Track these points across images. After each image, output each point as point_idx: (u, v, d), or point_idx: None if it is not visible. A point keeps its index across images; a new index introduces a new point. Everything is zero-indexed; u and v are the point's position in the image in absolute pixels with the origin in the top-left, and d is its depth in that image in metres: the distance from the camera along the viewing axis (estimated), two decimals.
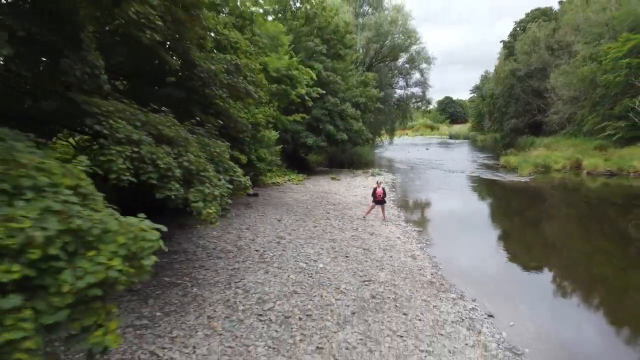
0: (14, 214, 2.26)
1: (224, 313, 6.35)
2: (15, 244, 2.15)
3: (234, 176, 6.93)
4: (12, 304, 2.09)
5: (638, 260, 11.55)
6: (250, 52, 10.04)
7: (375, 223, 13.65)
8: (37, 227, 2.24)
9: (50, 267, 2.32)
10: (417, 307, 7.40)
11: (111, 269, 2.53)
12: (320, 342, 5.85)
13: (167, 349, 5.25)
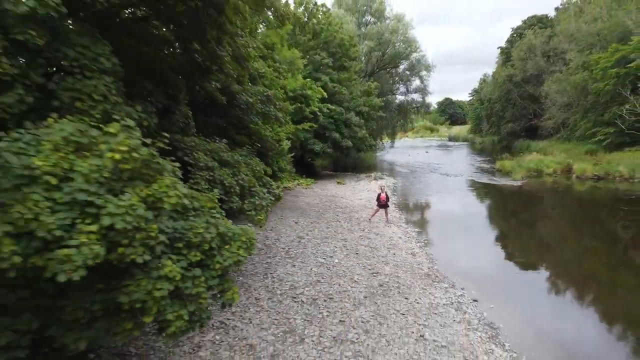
0: (195, 225, 4.02)
1: (266, 295, 8.19)
2: (197, 241, 3.92)
3: (270, 189, 8.73)
4: (197, 273, 3.86)
5: (603, 249, 13.39)
6: (273, 78, 11.83)
7: (379, 225, 15.46)
8: (207, 232, 4.01)
9: (211, 254, 4.08)
10: (416, 293, 9.22)
11: (239, 255, 4.32)
12: (341, 317, 7.68)
13: (230, 319, 7.09)
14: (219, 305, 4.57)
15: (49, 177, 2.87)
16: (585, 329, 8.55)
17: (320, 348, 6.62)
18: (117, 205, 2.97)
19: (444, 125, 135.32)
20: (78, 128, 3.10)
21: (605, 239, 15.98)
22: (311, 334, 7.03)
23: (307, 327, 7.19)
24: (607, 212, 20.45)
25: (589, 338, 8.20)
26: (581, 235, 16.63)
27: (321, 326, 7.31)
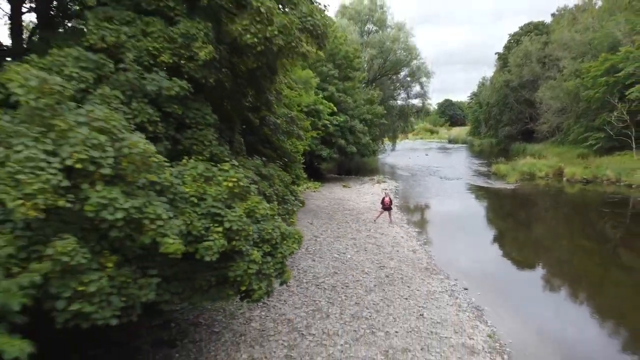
0: (266, 227, 5.85)
1: (295, 283, 10.07)
2: (268, 238, 5.75)
3: (296, 196, 10.57)
4: (268, 260, 5.71)
5: (583, 246, 15.28)
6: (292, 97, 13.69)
7: (383, 225, 17.32)
8: (273, 232, 5.84)
9: (275, 247, 5.89)
10: (417, 283, 11.09)
11: (292, 248, 6.15)
12: (357, 300, 9.56)
13: (270, 301, 8.97)
14: (278, 283, 6.43)
15: (193, 198, 4.71)
16: (558, 311, 10.41)
17: (342, 322, 8.50)
18: (232, 215, 4.80)
19: (443, 126, 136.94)
20: (206, 166, 4.94)
21: (586, 236, 17.87)
22: (334, 312, 8.90)
23: (330, 307, 9.07)
24: (592, 213, 22.34)
25: (560, 316, 10.05)
26: (566, 234, 18.51)
27: (341, 306, 9.18)
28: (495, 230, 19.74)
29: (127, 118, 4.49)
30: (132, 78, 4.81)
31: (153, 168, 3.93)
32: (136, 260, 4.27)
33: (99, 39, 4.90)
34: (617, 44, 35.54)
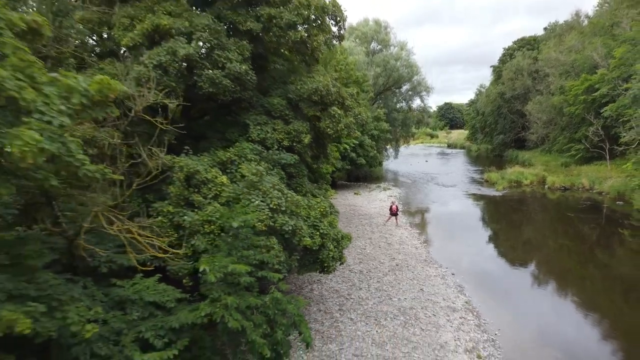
0: (336, 231, 10.22)
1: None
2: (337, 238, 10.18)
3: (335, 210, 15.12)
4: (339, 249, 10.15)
5: (552, 243, 19.82)
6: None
7: (391, 228, 21.87)
8: (339, 234, 10.24)
9: (339, 242, 10.31)
10: (418, 270, 15.64)
11: (347, 243, 10.65)
12: (378, 280, 14.13)
13: (321, 278, 13.53)
14: (339, 264, 10.92)
15: (305, 217, 9.28)
16: (521, 285, 14.94)
17: (369, 292, 13.07)
18: (323, 226, 9.35)
19: (443, 130, 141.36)
20: (309, 200, 9.51)
21: (556, 234, 22.42)
22: (364, 286, 13.48)
23: (361, 284, 13.65)
24: (565, 216, 26.86)
25: (521, 290, 14.57)
26: (541, 233, 23.07)
27: (368, 283, 13.76)
28: (481, 230, 24.26)
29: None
30: (273, 155, 9.31)
31: (296, 205, 8.51)
32: (289, 249, 8.78)
33: (256, 135, 9.38)
34: (595, 66, 40.06)
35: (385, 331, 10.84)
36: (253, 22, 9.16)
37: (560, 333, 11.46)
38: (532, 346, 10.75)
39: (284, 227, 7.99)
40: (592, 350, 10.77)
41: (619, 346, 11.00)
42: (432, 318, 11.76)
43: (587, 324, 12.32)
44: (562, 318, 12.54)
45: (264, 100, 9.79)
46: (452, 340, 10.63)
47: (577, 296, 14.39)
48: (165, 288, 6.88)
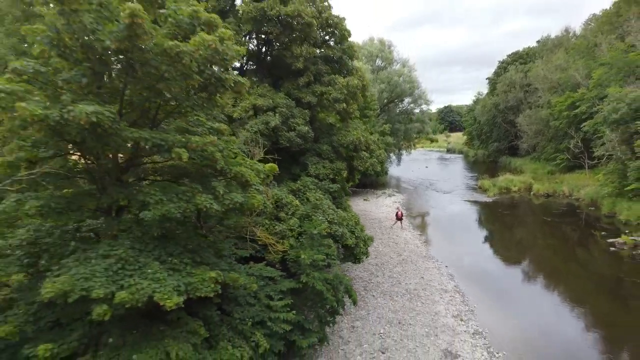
0: (363, 235, 14.84)
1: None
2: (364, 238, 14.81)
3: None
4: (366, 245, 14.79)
5: (530, 241, 24.61)
6: None
7: (397, 230, 26.65)
8: (367, 236, 14.90)
9: (366, 241, 14.98)
10: (419, 263, 20.46)
11: (370, 242, 15.32)
12: (389, 270, 18.99)
13: (348, 268, 18.36)
14: (365, 257, 15.63)
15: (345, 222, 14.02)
16: (498, 273, 19.72)
17: (384, 278, 17.90)
18: (358, 230, 14.02)
19: (443, 133, 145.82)
20: (347, 211, 14.17)
21: (532, 235, 27.20)
22: (380, 274, 18.32)
23: (377, 272, 18.48)
24: (545, 219, 31.62)
25: (498, 276, 19.35)
26: (522, 232, 27.86)
27: (382, 272, 18.59)
28: (472, 232, 29.01)
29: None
30: (324, 185, 14.11)
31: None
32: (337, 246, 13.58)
33: (313, 171, 14.14)
34: (577, 85, 44.82)
35: (397, 303, 15.65)
36: (311, 96, 13.87)
37: (524, 303, 16.26)
38: (500, 313, 15.55)
39: (336, 232, 12.78)
40: (545, 308, 15.56)
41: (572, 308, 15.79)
42: (429, 296, 16.57)
43: (546, 294, 17.11)
44: (526, 294, 17.34)
45: (316, 146, 14.54)
46: (443, 310, 15.43)
47: (542, 279, 19.20)
48: (270, 269, 11.67)
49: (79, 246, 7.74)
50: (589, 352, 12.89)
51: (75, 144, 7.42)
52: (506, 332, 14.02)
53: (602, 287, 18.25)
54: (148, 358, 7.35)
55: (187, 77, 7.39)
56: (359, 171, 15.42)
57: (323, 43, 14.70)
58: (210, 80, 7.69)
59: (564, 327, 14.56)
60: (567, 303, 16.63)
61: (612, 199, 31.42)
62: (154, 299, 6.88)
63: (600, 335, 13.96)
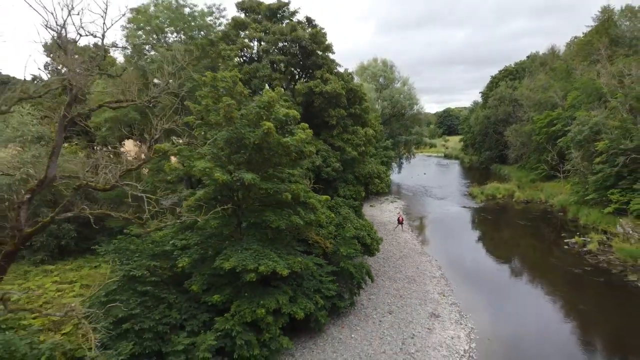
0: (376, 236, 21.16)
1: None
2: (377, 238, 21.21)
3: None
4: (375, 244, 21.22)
5: (506, 239, 31.27)
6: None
7: (399, 232, 33.23)
8: (378, 237, 21.23)
9: (378, 240, 21.45)
10: (415, 257, 27.09)
11: (380, 240, 21.77)
12: (393, 262, 25.64)
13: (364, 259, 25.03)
14: (377, 253, 22.07)
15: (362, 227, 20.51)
16: (477, 264, 26.32)
17: (389, 268, 24.53)
18: (372, 232, 20.41)
19: (441, 138, 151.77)
20: (362, 219, 20.60)
21: (508, 234, 33.79)
22: (386, 265, 24.95)
23: (384, 264, 25.11)
24: (518, 223, 38.17)
25: (476, 266, 25.94)
26: (500, 233, 34.45)
27: (388, 263, 25.23)
28: (459, 233, 35.57)
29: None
30: (350, 203, 20.55)
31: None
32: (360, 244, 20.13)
33: (342, 193, 20.59)
34: (555, 105, 51.37)
35: (398, 285, 22.23)
36: (340, 142, 20.36)
37: (491, 283, 22.83)
38: (472, 291, 22.11)
39: (359, 235, 19.35)
40: (505, 286, 22.13)
41: (526, 284, 22.36)
42: (422, 280, 23.14)
43: (509, 277, 23.69)
44: (493, 278, 23.91)
45: (343, 176, 21.02)
46: (432, 289, 22.00)
47: (508, 267, 25.79)
48: (318, 259, 18.22)
49: (228, 244, 14.34)
50: (533, 308, 19.51)
51: (233, 191, 14.01)
52: (474, 302, 20.62)
53: (550, 272, 24.85)
54: (268, 302, 13.92)
55: (289, 154, 14.00)
56: (373, 192, 21.91)
57: (348, 104, 21.18)
58: (299, 154, 14.29)
59: (517, 294, 21.17)
60: (523, 282, 23.27)
61: (576, 206, 38.00)
62: (275, 270, 13.46)
63: (541, 295, 20.59)
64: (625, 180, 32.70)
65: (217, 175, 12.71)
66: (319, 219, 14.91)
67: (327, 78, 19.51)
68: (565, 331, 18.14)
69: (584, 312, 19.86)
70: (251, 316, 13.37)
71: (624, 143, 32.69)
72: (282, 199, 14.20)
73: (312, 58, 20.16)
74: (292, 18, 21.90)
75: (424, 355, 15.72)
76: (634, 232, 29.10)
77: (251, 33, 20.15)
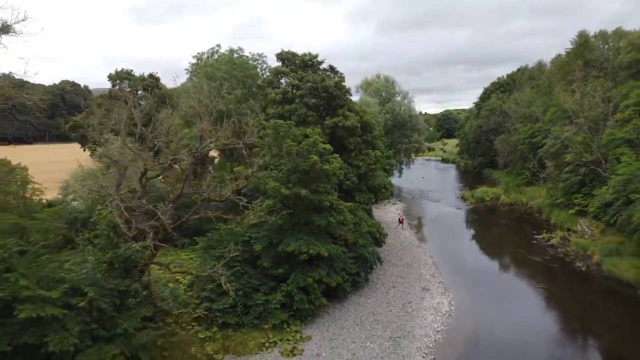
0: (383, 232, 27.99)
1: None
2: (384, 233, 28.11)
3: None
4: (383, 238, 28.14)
5: (490, 237, 38.42)
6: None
7: (400, 230, 40.33)
8: (384, 232, 28.14)
9: (384, 234, 28.29)
10: (413, 249, 34.22)
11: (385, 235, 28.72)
12: (396, 251, 32.80)
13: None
14: (383, 244, 29.04)
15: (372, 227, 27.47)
16: (462, 252, 33.42)
17: (392, 257, 31.66)
18: (382, 230, 27.34)
19: (439, 141, 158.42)
20: (371, 219, 27.50)
21: (489, 231, 40.89)
22: (391, 254, 32.09)
23: (389, 253, 32.24)
24: (499, 222, 45.23)
25: (462, 254, 33.03)
26: (483, 229, 41.55)
27: (391, 254, 32.36)
28: (450, 230, 42.64)
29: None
30: (364, 207, 27.55)
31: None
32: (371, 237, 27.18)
33: (359, 200, 27.58)
34: (537, 118, 58.42)
35: (399, 269, 29.31)
36: (357, 162, 27.46)
37: (470, 267, 29.92)
38: (455, 272, 29.19)
39: (371, 230, 26.43)
40: (482, 268, 29.20)
41: (500, 269, 29.47)
42: (417, 266, 30.22)
43: (486, 261, 30.77)
44: (474, 263, 31.01)
45: (359, 186, 28.00)
46: (424, 272, 29.08)
47: (486, 255, 32.90)
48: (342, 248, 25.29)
49: (286, 236, 21.43)
50: (499, 284, 26.61)
51: (290, 200, 21.11)
52: (456, 281, 27.69)
53: (518, 259, 31.97)
54: (313, 274, 20.95)
55: (327, 175, 21.10)
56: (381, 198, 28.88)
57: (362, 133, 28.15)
58: (333, 175, 21.42)
59: (489, 275, 28.32)
60: (496, 267, 30.44)
61: (549, 208, 45.08)
62: (319, 253, 20.54)
63: (508, 275, 27.72)
64: (586, 187, 39.76)
65: (283, 191, 19.81)
66: (345, 219, 21.99)
67: (347, 115, 26.54)
68: (519, 296, 25.29)
69: (537, 286, 26.97)
70: (303, 283, 20.44)
71: (585, 156, 39.75)
72: (322, 205, 21.28)
73: (336, 100, 27.21)
74: (320, 66, 29.00)
75: (418, 313, 22.83)
76: (588, 229, 36.20)
77: (290, 81, 27.18)
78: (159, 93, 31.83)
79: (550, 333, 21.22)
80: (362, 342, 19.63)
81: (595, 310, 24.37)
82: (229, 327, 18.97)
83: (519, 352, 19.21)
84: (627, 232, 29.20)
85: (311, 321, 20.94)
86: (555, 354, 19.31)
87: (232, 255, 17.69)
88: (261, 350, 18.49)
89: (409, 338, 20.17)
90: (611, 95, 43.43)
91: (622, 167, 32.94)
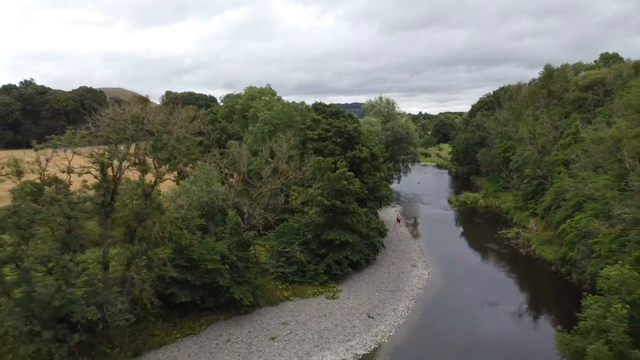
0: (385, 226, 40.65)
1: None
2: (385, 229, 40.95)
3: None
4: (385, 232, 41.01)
5: (466, 236, 51.78)
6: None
7: (398, 228, 53.51)
8: (386, 228, 40.95)
9: (385, 229, 41.15)
10: (407, 242, 47.49)
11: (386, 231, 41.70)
12: (395, 242, 46.13)
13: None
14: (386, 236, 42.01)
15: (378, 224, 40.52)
16: (444, 243, 46.66)
17: (392, 246, 44.95)
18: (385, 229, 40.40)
19: (436, 147, 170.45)
20: (377, 220, 40.45)
21: (466, 228, 54.16)
22: (391, 244, 45.37)
23: (389, 243, 45.50)
24: (475, 221, 58.40)
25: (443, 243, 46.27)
26: (461, 226, 54.81)
27: (391, 244, 45.65)
28: (436, 227, 55.70)
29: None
30: (374, 210, 40.60)
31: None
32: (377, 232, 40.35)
33: (369, 206, 40.64)
34: (510, 137, 71.53)
35: (396, 254, 42.49)
36: (368, 179, 40.53)
37: (448, 251, 43.16)
38: (436, 255, 42.41)
39: (377, 227, 39.62)
40: (458, 254, 42.43)
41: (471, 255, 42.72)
42: (409, 252, 43.38)
43: (459, 248, 43.99)
44: (450, 249, 44.25)
45: (369, 196, 40.99)
46: (414, 256, 42.25)
47: (460, 245, 46.15)
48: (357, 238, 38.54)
49: (326, 229, 34.65)
50: (465, 261, 39.95)
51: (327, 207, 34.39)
52: (435, 261, 40.91)
53: (482, 248, 45.26)
54: (344, 253, 34.18)
55: (351, 193, 34.36)
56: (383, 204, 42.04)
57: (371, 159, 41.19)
58: (355, 192, 34.78)
59: (459, 257, 41.67)
60: (465, 252, 43.85)
61: (513, 210, 58.26)
62: (347, 240, 33.80)
63: (472, 257, 41.12)
64: (537, 195, 52.97)
65: (325, 202, 33.03)
66: (361, 219, 35.17)
67: (361, 149, 39.60)
68: (477, 270, 38.63)
69: (490, 264, 40.23)
70: (337, 258, 33.67)
71: (537, 171, 52.95)
72: (348, 211, 34.51)
73: (354, 139, 40.31)
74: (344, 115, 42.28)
75: (407, 279, 36.07)
76: (535, 226, 49.42)
77: (322, 126, 40.20)
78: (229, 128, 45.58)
79: (496, 290, 34.45)
80: (372, 292, 32.94)
81: (526, 276, 37.68)
82: (295, 283, 32.28)
83: (473, 299, 32.37)
84: (553, 228, 42.48)
85: (342, 281, 34.25)
86: (497, 299, 32.45)
87: (299, 241, 31.04)
88: (314, 295, 31.79)
89: (401, 291, 33.44)
90: (559, 124, 56.63)
91: (557, 181, 46.22)
